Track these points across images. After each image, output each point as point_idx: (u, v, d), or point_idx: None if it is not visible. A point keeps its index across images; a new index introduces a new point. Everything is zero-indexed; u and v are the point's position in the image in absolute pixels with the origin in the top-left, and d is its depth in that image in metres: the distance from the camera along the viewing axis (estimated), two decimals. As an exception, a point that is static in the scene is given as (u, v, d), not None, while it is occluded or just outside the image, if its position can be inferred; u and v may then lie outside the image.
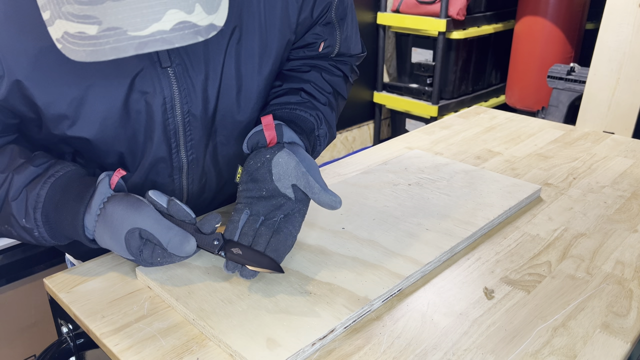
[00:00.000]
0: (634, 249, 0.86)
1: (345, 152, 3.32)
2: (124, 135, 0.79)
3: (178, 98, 0.79)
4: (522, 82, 3.07)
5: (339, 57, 1.00)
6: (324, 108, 0.91)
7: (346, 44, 0.98)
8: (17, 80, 0.70)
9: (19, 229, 0.74)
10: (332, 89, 0.96)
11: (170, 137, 0.81)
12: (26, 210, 0.72)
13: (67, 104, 0.73)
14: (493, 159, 1.21)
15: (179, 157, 0.84)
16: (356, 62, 1.04)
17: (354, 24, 0.99)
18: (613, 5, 2.13)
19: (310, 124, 0.87)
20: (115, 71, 0.74)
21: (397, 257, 0.80)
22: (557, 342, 0.66)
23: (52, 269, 1.53)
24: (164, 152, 0.82)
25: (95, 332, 0.67)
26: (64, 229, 0.73)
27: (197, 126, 0.83)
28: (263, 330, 0.65)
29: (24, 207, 0.72)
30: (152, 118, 0.79)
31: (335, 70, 0.98)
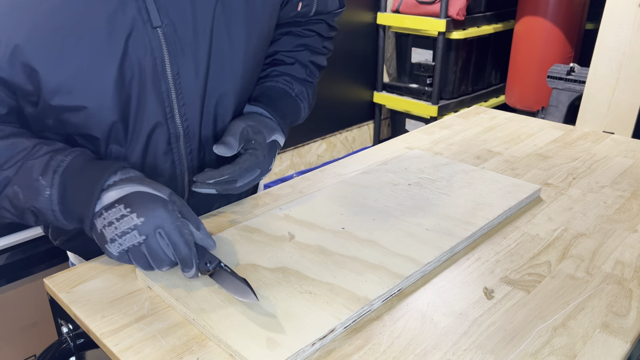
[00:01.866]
0: (634, 249, 0.86)
1: (345, 152, 3.32)
2: (119, 102, 0.77)
3: (168, 59, 0.78)
4: (522, 82, 3.07)
5: (316, 16, 1.02)
6: (290, 68, 0.98)
7: (323, 2, 1.00)
8: (16, 45, 0.69)
9: (26, 189, 0.70)
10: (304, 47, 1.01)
11: (163, 101, 0.80)
12: (45, 168, 0.71)
13: (65, 70, 0.72)
14: (493, 159, 1.21)
15: (175, 123, 0.83)
16: (334, 18, 1.06)
17: None
18: (613, 5, 2.14)
19: (281, 90, 0.95)
20: (108, 34, 0.73)
21: (397, 257, 0.80)
22: (557, 342, 0.66)
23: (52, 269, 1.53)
24: (158, 118, 0.81)
25: (95, 332, 0.67)
26: (77, 198, 0.70)
27: (189, 89, 0.82)
28: (263, 330, 0.65)
29: (43, 165, 0.71)
30: (144, 82, 0.78)
31: (307, 32, 1.03)
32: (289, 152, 2.97)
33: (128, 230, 0.67)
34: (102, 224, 0.69)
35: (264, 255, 0.81)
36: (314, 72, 1.02)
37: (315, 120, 3.05)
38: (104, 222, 0.69)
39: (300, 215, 0.92)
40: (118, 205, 0.69)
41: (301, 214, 0.93)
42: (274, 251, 0.82)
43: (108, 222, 0.69)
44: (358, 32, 3.11)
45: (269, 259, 0.80)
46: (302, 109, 1.01)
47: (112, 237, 0.68)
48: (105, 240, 0.69)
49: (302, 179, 1.11)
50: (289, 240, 0.85)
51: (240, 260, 0.79)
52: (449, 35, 2.90)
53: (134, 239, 0.68)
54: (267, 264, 0.78)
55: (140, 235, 0.67)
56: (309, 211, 0.94)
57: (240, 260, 0.79)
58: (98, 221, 0.70)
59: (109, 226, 0.68)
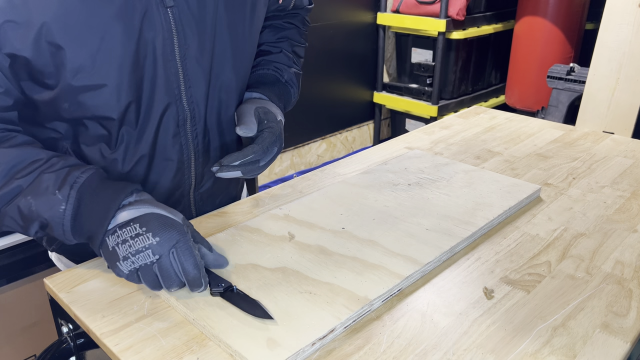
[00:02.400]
0: (634, 249, 0.86)
1: (345, 152, 3.32)
2: (134, 81, 0.79)
3: (176, 40, 0.81)
4: (521, 82, 3.07)
5: (294, 10, 1.10)
6: (277, 57, 1.05)
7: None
8: (44, 22, 0.70)
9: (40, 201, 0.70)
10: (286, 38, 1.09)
11: (172, 82, 0.83)
12: (62, 183, 0.71)
13: (89, 46, 0.74)
14: (493, 159, 1.21)
15: (182, 106, 0.85)
16: (306, 13, 1.15)
17: None
18: (613, 5, 2.14)
19: (272, 76, 1.02)
20: (127, 12, 0.75)
21: (397, 257, 0.80)
22: (556, 342, 0.66)
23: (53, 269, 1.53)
24: (169, 99, 0.83)
25: (95, 332, 0.67)
26: (91, 215, 0.70)
27: (194, 72, 0.85)
28: (263, 330, 0.65)
29: (60, 180, 0.71)
30: (156, 62, 0.80)
31: (287, 25, 1.10)
32: (289, 152, 2.97)
33: (142, 249, 0.68)
34: (115, 242, 0.69)
35: (264, 255, 0.81)
36: (297, 61, 1.09)
37: (315, 120, 3.05)
38: (118, 239, 0.69)
39: (300, 215, 0.92)
40: (133, 224, 0.69)
41: (301, 214, 0.93)
42: (274, 251, 0.82)
43: (122, 239, 0.68)
44: (358, 32, 3.11)
45: (269, 259, 0.80)
46: (292, 94, 1.06)
47: (125, 254, 0.68)
48: (117, 257, 0.69)
49: (302, 179, 1.11)
50: (289, 240, 0.85)
51: (240, 260, 0.79)
52: (449, 35, 2.90)
53: (147, 258, 0.68)
54: (267, 264, 0.78)
55: (154, 255, 0.68)
56: (309, 211, 0.94)
57: (240, 260, 0.79)
58: (111, 239, 0.69)
59: (122, 244, 0.68)
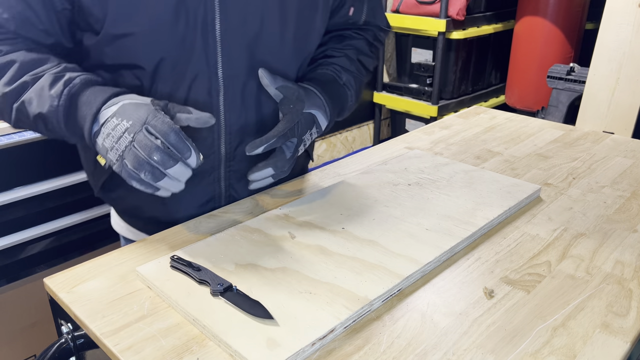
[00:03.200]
0: (634, 249, 0.86)
1: (345, 152, 3.32)
2: (171, 38, 0.82)
3: (218, 12, 0.83)
4: (521, 82, 3.07)
5: (364, 26, 1.10)
6: (339, 60, 1.03)
7: (372, 13, 1.09)
8: None
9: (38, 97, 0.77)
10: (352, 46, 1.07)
11: (209, 52, 0.85)
12: (56, 82, 0.77)
13: None
14: (493, 159, 1.21)
15: (217, 78, 0.87)
16: (380, 32, 1.13)
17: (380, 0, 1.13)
18: (613, 5, 2.14)
19: (330, 76, 1.00)
20: None
21: (397, 257, 0.80)
22: (556, 342, 0.66)
23: (52, 269, 1.53)
24: (203, 67, 0.85)
25: (95, 332, 0.67)
26: (79, 115, 0.77)
27: (235, 48, 0.86)
28: (263, 330, 0.65)
29: (58, 80, 0.78)
30: (195, 28, 0.82)
31: (356, 35, 1.10)
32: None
33: (120, 135, 0.73)
34: (102, 139, 0.75)
35: (264, 255, 0.81)
36: (360, 69, 1.07)
37: (315, 120, 3.04)
38: (103, 136, 0.75)
39: (300, 215, 0.92)
40: (111, 119, 0.74)
41: (301, 214, 0.93)
42: (274, 251, 0.82)
43: (106, 134, 0.74)
44: (358, 32, 3.10)
45: (269, 259, 0.80)
46: (350, 97, 1.03)
47: (110, 146, 0.74)
48: (106, 150, 0.75)
49: (302, 179, 1.11)
50: (290, 240, 0.85)
51: (240, 260, 0.79)
52: (449, 35, 2.90)
53: (125, 141, 0.72)
54: (267, 264, 0.78)
55: (129, 135, 0.72)
56: (309, 211, 0.94)
57: (240, 260, 0.79)
58: (99, 139, 0.76)
59: (107, 138, 0.74)
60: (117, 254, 0.84)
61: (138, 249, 0.85)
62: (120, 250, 0.85)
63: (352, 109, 1.07)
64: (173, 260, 0.78)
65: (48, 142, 1.41)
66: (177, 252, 0.81)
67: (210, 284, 0.72)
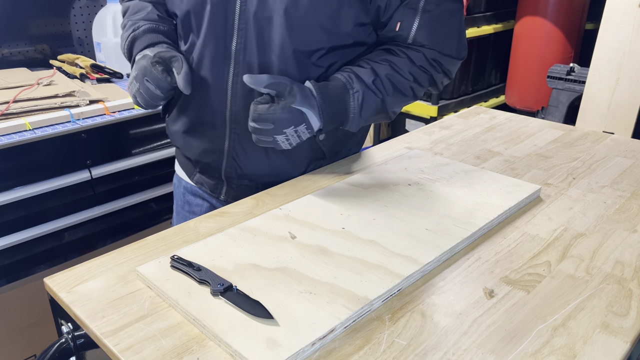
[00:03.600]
0: (634, 249, 0.86)
1: (345, 152, 3.32)
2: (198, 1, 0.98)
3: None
4: (521, 82, 3.07)
5: (414, 45, 1.00)
6: (360, 70, 0.98)
7: (426, 34, 0.99)
8: None
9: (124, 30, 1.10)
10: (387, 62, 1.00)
11: (227, 27, 0.97)
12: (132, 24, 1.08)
13: None
14: (493, 159, 1.21)
15: (230, 51, 0.99)
16: (440, 57, 1.01)
17: (449, 24, 1.01)
18: (613, 5, 2.14)
19: (339, 80, 0.98)
20: None
21: (397, 257, 0.80)
22: (556, 342, 0.66)
23: (53, 269, 1.53)
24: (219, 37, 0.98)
25: (95, 332, 0.67)
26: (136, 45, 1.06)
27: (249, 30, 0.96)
28: (263, 330, 0.65)
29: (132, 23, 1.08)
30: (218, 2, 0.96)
31: (400, 53, 1.01)
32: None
33: (132, 80, 1.02)
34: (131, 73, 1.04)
35: (264, 255, 0.81)
36: (385, 87, 0.99)
37: (315, 120, 3.04)
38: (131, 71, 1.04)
39: (300, 215, 0.92)
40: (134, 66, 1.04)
41: (301, 214, 0.93)
42: (274, 251, 0.82)
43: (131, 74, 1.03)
44: (358, 32, 3.10)
45: (269, 259, 0.80)
46: (352, 108, 0.97)
47: (129, 86, 1.03)
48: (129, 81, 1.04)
49: (302, 179, 1.11)
50: (290, 240, 0.85)
51: (240, 260, 0.79)
52: (449, 35, 2.89)
53: (134, 87, 1.01)
54: (267, 264, 0.78)
55: (137, 83, 1.00)
56: (309, 211, 0.94)
57: (240, 260, 0.79)
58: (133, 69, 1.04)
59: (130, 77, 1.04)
60: (117, 254, 0.84)
61: (138, 249, 0.85)
62: (120, 250, 0.85)
63: (363, 123, 1.01)
64: (173, 260, 0.78)
65: (48, 142, 1.41)
66: (177, 252, 0.81)
67: (210, 284, 0.72)
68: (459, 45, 1.03)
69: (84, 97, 1.52)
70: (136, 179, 1.64)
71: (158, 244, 0.87)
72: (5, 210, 1.38)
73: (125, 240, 1.66)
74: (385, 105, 1.00)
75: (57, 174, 1.46)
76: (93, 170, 1.52)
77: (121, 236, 1.66)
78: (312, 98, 0.94)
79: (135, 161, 1.61)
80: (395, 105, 1.03)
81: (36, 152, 1.40)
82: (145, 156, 1.64)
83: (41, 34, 1.90)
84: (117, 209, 1.61)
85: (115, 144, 1.57)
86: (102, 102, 1.54)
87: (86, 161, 1.50)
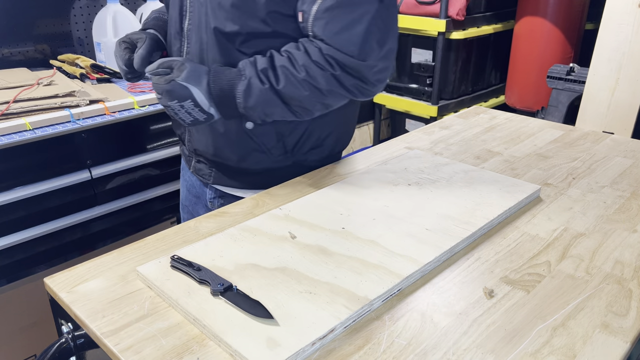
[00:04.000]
0: (634, 249, 0.86)
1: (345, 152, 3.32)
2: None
3: None
4: (521, 83, 3.07)
5: (316, 39, 0.96)
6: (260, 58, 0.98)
7: (320, 26, 0.94)
8: None
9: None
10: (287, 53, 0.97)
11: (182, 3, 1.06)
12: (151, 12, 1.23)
13: None
14: (492, 159, 1.21)
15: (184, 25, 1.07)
16: (339, 57, 0.93)
17: (350, 17, 0.93)
18: (613, 6, 2.14)
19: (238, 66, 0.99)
20: None
21: (397, 257, 0.80)
22: (556, 342, 0.66)
23: (53, 269, 1.53)
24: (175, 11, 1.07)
25: (95, 331, 0.67)
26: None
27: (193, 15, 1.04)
28: (263, 330, 0.65)
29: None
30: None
31: (301, 45, 0.97)
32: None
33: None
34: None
35: (264, 255, 0.81)
36: (274, 77, 0.96)
37: (315, 121, 3.04)
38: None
39: (300, 215, 0.92)
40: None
41: (301, 214, 0.93)
42: (274, 251, 0.82)
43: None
44: (358, 32, 3.10)
45: (269, 259, 0.80)
46: (237, 94, 0.96)
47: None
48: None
49: (302, 179, 1.11)
50: (290, 240, 0.85)
51: (240, 260, 0.79)
52: (449, 36, 2.90)
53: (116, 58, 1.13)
54: (267, 264, 0.78)
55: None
56: (309, 211, 0.94)
57: (240, 260, 0.79)
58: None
59: None
60: (117, 254, 0.84)
61: (138, 249, 0.85)
62: (120, 250, 0.85)
63: (258, 114, 0.98)
64: (173, 260, 0.78)
65: (48, 142, 1.41)
66: (177, 252, 0.81)
67: (210, 283, 0.72)
68: (365, 46, 0.93)
69: (84, 97, 1.52)
70: (136, 179, 1.64)
71: (158, 244, 0.87)
72: (5, 210, 1.38)
73: (125, 240, 1.66)
74: (278, 97, 0.96)
75: (57, 174, 1.46)
76: (93, 170, 1.52)
77: (121, 236, 1.66)
78: (204, 77, 0.97)
79: (135, 161, 1.61)
80: (294, 100, 0.96)
81: (36, 152, 1.40)
82: (145, 156, 1.64)
83: (41, 34, 1.90)
84: (117, 209, 1.61)
85: (115, 144, 1.56)
86: (102, 102, 1.54)
87: (86, 161, 1.50)
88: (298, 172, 1.13)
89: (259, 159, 1.10)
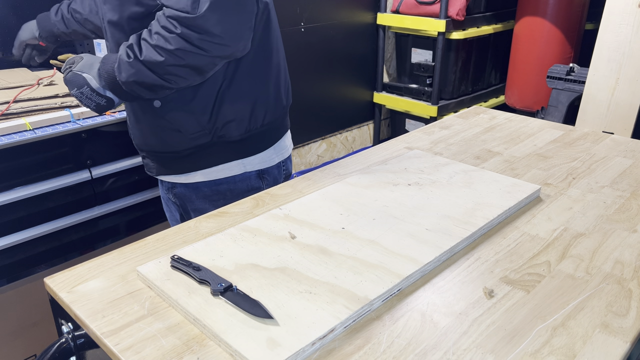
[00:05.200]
0: (634, 249, 0.86)
1: (345, 152, 3.32)
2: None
3: None
4: (521, 83, 3.07)
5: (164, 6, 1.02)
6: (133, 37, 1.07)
7: None
8: None
9: None
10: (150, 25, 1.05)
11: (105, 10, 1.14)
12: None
13: None
14: (492, 159, 1.21)
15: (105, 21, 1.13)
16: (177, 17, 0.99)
17: None
18: (613, 6, 2.14)
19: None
20: None
21: (397, 257, 0.80)
22: (556, 342, 0.66)
23: (53, 269, 1.53)
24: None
25: (95, 331, 0.67)
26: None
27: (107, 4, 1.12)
28: (263, 330, 0.65)
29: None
30: None
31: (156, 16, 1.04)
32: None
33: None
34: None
35: (264, 255, 0.81)
36: (139, 49, 1.03)
37: (315, 120, 3.05)
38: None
39: (300, 215, 0.92)
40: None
41: (301, 214, 0.93)
42: (274, 251, 0.82)
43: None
44: (358, 32, 3.11)
45: (269, 259, 0.80)
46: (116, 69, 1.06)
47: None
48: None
49: (302, 179, 1.11)
50: (290, 240, 0.85)
51: (240, 260, 0.79)
52: (449, 36, 2.90)
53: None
54: (267, 264, 0.78)
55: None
56: (309, 211, 0.94)
57: (240, 260, 0.79)
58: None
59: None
60: (117, 254, 0.84)
61: (138, 249, 0.85)
62: (120, 250, 0.85)
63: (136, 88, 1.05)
64: (173, 260, 0.78)
65: (48, 142, 1.41)
66: (177, 252, 0.81)
67: (210, 283, 0.72)
68: (194, 1, 0.99)
69: (84, 97, 1.52)
70: (136, 179, 1.64)
71: (158, 244, 0.87)
72: (5, 210, 1.38)
73: (125, 240, 1.66)
74: (145, 66, 1.03)
75: (57, 174, 1.46)
76: (93, 170, 1.52)
77: (121, 236, 1.66)
78: (97, 65, 1.09)
79: (135, 161, 1.61)
80: (157, 66, 1.02)
81: (36, 152, 1.40)
82: (145, 156, 1.63)
83: (41, 34, 1.89)
84: (117, 209, 1.61)
85: (115, 144, 1.56)
86: (102, 102, 1.53)
87: (86, 161, 1.50)
88: (227, 150, 1.15)
89: (179, 140, 1.15)
